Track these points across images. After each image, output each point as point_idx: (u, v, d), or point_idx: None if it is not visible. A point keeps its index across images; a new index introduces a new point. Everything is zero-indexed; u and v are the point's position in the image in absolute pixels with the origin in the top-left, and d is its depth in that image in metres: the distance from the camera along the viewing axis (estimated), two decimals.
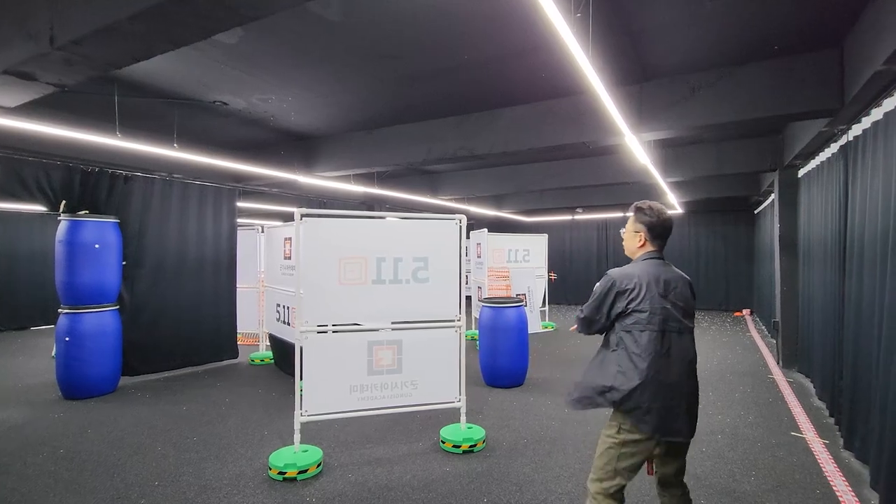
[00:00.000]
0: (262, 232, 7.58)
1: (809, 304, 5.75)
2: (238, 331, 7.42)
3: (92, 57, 2.69)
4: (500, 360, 5.83)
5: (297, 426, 3.70)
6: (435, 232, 4.07)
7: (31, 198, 5.39)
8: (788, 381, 5.96)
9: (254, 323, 7.81)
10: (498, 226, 14.49)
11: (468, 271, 11.85)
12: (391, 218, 4.11)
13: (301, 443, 3.76)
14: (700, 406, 5.00)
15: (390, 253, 3.93)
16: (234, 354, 7.26)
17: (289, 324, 6.13)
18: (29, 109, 4.15)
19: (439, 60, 4.49)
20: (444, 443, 3.96)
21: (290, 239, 6.23)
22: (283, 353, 6.47)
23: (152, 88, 4.96)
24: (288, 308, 6.22)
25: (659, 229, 2.28)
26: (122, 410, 4.98)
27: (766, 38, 4.15)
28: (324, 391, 3.75)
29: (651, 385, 2.02)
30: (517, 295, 9.42)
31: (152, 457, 3.84)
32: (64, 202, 5.58)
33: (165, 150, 5.76)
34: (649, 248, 2.29)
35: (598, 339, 2.40)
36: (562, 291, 14.74)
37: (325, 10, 3.34)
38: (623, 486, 2.09)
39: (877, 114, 3.54)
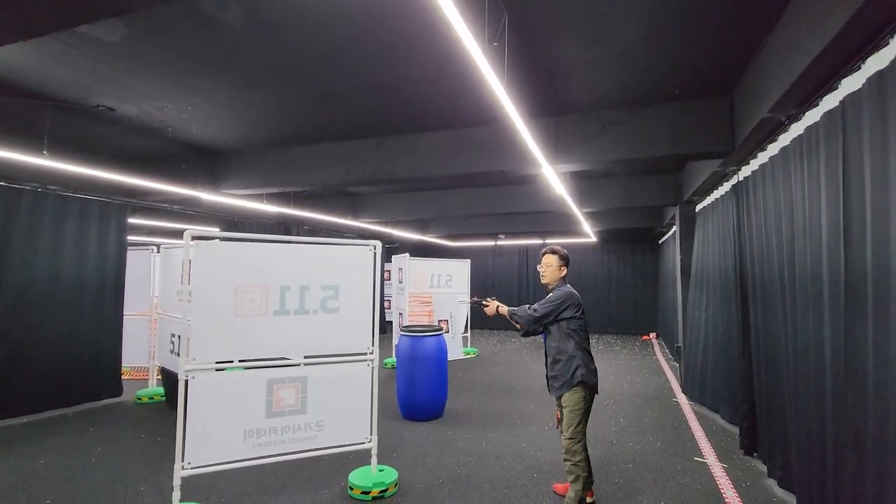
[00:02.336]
0: (158, 252, 6.82)
1: (708, 330, 6.13)
2: (124, 364, 6.54)
3: None
4: (419, 393, 5.58)
5: (176, 482, 3.19)
6: (347, 259, 3.80)
7: None
8: (691, 405, 6.27)
9: (143, 355, 6.94)
10: (423, 250, 14.37)
11: (389, 296, 11.54)
12: (298, 243, 3.78)
13: (182, 501, 3.24)
14: (612, 430, 5.12)
15: (296, 281, 3.60)
16: (117, 392, 6.38)
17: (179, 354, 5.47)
18: None
19: (353, 79, 4.30)
20: (352, 489, 3.62)
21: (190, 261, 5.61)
22: (176, 390, 5.73)
23: (16, 86, 4.26)
24: (184, 338, 5.56)
25: (568, 262, 3.56)
26: None
27: (667, 83, 4.43)
28: (212, 438, 3.29)
29: (592, 366, 3.38)
30: (439, 321, 9.27)
31: None
32: None
33: (32, 158, 4.98)
34: (563, 275, 3.52)
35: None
36: (484, 316, 14.81)
37: (222, 13, 3.03)
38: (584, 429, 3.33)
39: (762, 157, 3.85)
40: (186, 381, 3.28)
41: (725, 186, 5.21)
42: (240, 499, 3.59)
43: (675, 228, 8.68)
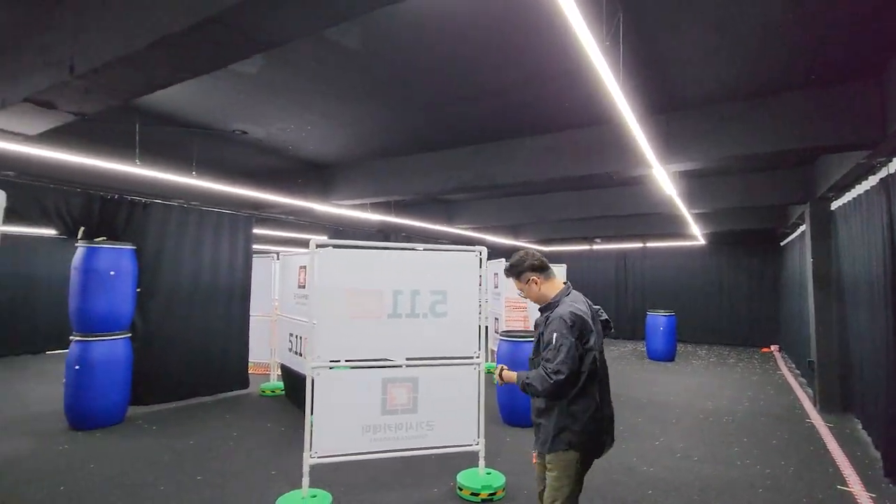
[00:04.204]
0: (278, 259, 7.52)
1: (853, 343, 5.40)
2: (249, 360, 7.27)
3: (111, 86, 2.66)
4: (520, 398, 5.53)
5: (305, 469, 3.49)
6: (455, 264, 3.91)
7: (50, 223, 5.40)
8: (829, 427, 5.56)
9: (266, 352, 7.67)
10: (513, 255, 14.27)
11: (485, 301, 11.61)
12: (410, 249, 3.97)
13: (309, 486, 3.53)
14: (734, 451, 4.70)
15: (408, 285, 3.78)
16: (245, 385, 7.09)
17: (301, 354, 5.97)
18: (51, 137, 4.17)
19: (459, 88, 4.43)
20: (461, 489, 3.71)
21: (304, 267, 6.13)
22: (295, 385, 6.28)
23: (173, 118, 4.99)
24: (300, 338, 6.07)
25: (538, 262, 2.42)
26: (127, 443, 4.82)
27: (800, 68, 4.00)
28: (335, 431, 3.55)
29: (602, 413, 2.33)
30: (535, 327, 9.13)
31: (153, 496, 3.65)
32: (82, 228, 5.58)
33: (184, 178, 5.77)
34: (551, 282, 2.40)
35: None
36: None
37: (343, 38, 3.30)
38: None
39: None
40: (313, 378, 3.56)
41: (871, 180, 4.58)
42: (357, 489, 3.82)
43: (803, 229, 7.78)
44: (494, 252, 14.11)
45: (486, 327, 9.77)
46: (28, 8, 2.87)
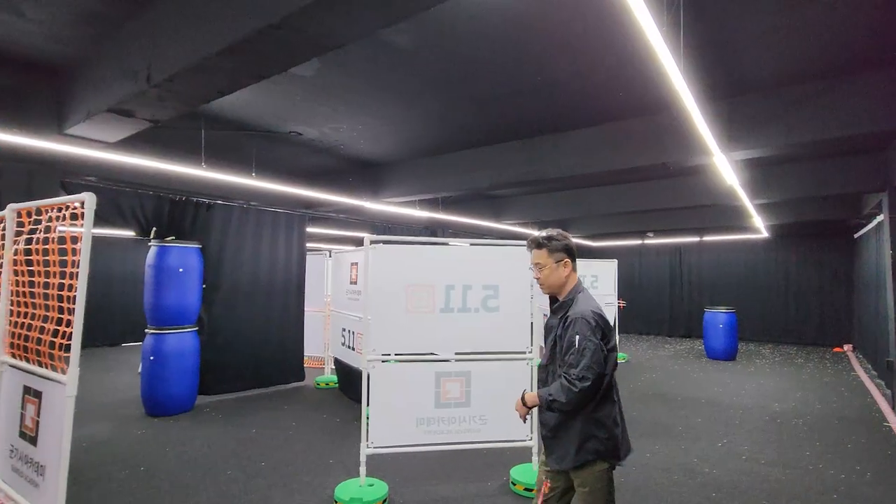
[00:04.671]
0: (330, 257, 7.75)
1: None
2: (305, 354, 7.55)
3: (183, 92, 2.83)
4: None
5: (362, 458, 3.60)
6: (506, 259, 3.90)
7: (126, 225, 5.81)
8: None
9: (319, 347, 7.93)
10: None
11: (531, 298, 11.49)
12: (460, 245, 3.99)
13: (366, 475, 3.64)
14: (805, 455, 4.43)
15: (459, 280, 3.80)
16: (301, 377, 7.37)
17: (353, 349, 6.13)
18: (127, 144, 4.49)
19: (509, 83, 4.40)
20: (514, 484, 3.70)
21: (356, 264, 6.28)
22: (348, 379, 6.46)
23: (234, 122, 5.26)
24: (353, 333, 6.23)
25: (575, 252, 2.16)
26: (197, 430, 5.13)
27: (873, 48, 3.70)
28: (390, 423, 3.64)
29: (620, 418, 2.16)
30: None
31: (223, 480, 3.88)
32: (154, 229, 5.98)
33: (244, 180, 6.06)
34: (574, 275, 2.15)
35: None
36: (631, 320, 13.94)
37: (395, 37, 3.36)
38: None
39: None
40: (369, 371, 3.65)
41: None
42: (412, 480, 3.90)
43: (880, 219, 7.19)
44: None
45: (531, 323, 9.66)
46: (109, 24, 3.10)
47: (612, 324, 2.13)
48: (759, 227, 10.12)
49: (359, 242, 11.92)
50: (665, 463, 4.28)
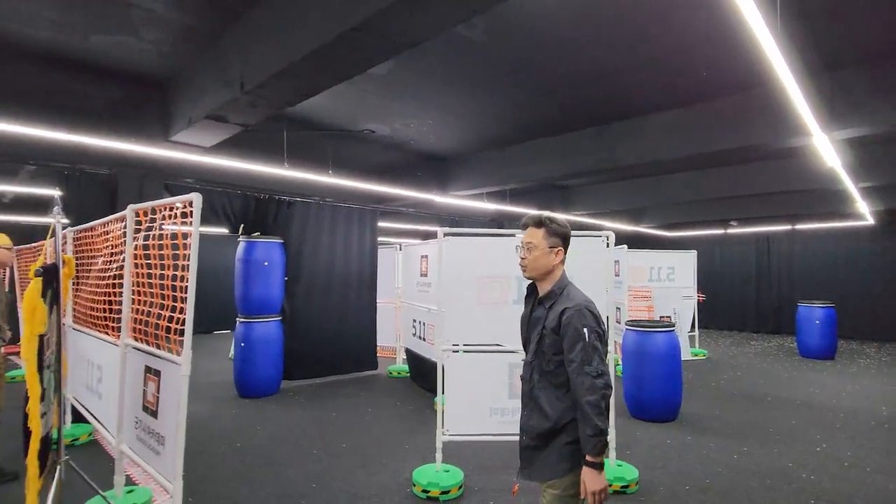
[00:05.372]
0: (400, 250, 7.98)
1: None
2: (377, 344, 7.84)
3: (271, 97, 3.04)
4: (648, 391, 5.28)
5: (438, 445, 3.70)
6: (580, 250, 3.82)
7: (218, 222, 6.33)
8: None
9: (391, 337, 8.20)
10: (635, 241, 13.47)
11: (605, 291, 11.15)
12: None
13: (441, 461, 3.74)
14: None
15: None
16: (374, 366, 7.66)
17: (424, 339, 6.29)
18: (219, 147, 4.87)
19: (582, 69, 4.29)
20: None
21: (426, 257, 6.42)
22: (420, 368, 6.64)
23: (313, 123, 5.54)
24: (424, 324, 6.39)
25: (568, 245, 1.99)
26: (283, 412, 5.52)
27: None
28: (465, 412, 3.71)
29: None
30: (660, 317, 8.57)
31: (308, 459, 4.15)
32: (242, 225, 6.46)
33: (322, 178, 6.38)
34: (562, 266, 1.97)
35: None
36: (711, 315, 13.09)
37: (468, 31, 3.38)
38: None
39: None
40: (443, 362, 3.74)
41: None
42: (486, 469, 3.96)
43: None
44: (614, 239, 13.46)
45: (607, 317, 9.37)
46: (207, 39, 3.40)
47: (691, 319, 1.95)
48: (864, 213, 9.14)
49: (426, 236, 12.15)
50: (756, 466, 4.02)
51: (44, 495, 2.39)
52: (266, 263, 6.22)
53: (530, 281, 2.04)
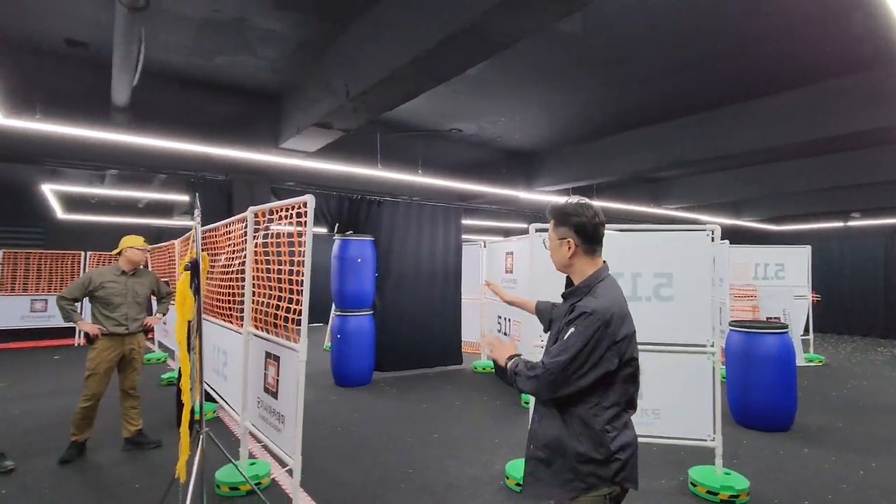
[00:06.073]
0: (485, 247, 8.05)
1: None
2: (462, 339, 7.97)
3: (374, 103, 3.24)
4: (757, 397, 4.89)
5: None
6: (681, 245, 3.65)
7: (316, 222, 6.79)
8: None
9: (475, 333, 8.30)
10: (735, 236, 12.44)
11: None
12: (628, 230, 3.84)
13: None
14: None
15: (627, 268, 3.67)
16: (459, 361, 7.81)
17: (509, 335, 6.31)
18: (319, 151, 5.23)
19: (680, 56, 4.07)
20: (694, 485, 3.47)
21: (511, 253, 6.44)
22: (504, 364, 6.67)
23: (404, 124, 5.77)
24: (509, 320, 6.41)
25: (591, 234, 1.67)
26: (377, 401, 5.82)
27: None
28: None
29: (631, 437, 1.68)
30: (767, 318, 7.88)
31: (404, 446, 4.35)
32: (337, 224, 6.89)
33: (412, 177, 6.62)
34: (592, 260, 1.70)
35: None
36: (828, 317, 11.75)
37: (566, 25, 3.35)
38: None
39: None
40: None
41: None
42: None
43: None
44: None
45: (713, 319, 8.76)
46: (314, 52, 3.68)
47: (805, 321, 1.66)
48: None
49: (508, 233, 12.11)
50: (886, 483, 3.59)
51: (190, 460, 2.75)
52: (359, 260, 6.58)
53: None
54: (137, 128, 4.31)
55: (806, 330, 8.32)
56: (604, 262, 1.74)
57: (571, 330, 1.56)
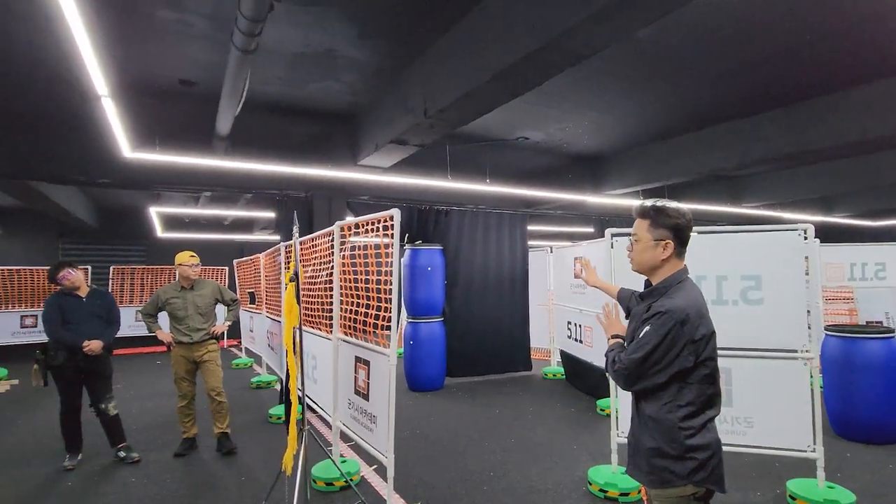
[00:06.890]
0: (552, 252, 8.01)
1: None
2: (531, 345, 7.96)
3: (450, 119, 3.39)
4: (860, 406, 4.53)
5: (613, 446, 3.68)
6: (770, 246, 3.50)
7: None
8: None
9: (544, 338, 8.25)
10: (825, 234, 11.50)
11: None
12: (709, 232, 3.73)
13: (617, 464, 3.71)
14: None
15: (712, 270, 3.57)
16: (528, 367, 7.80)
17: (580, 342, 6.23)
18: (392, 166, 5.48)
19: (760, 51, 3.90)
20: (793, 498, 3.29)
21: (579, 258, 6.38)
22: (576, 370, 6.60)
23: (473, 136, 5.92)
24: (580, 326, 6.33)
25: (685, 237, 1.71)
26: (451, 405, 5.95)
27: None
28: None
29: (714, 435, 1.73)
30: (866, 322, 7.23)
31: (482, 450, 4.43)
32: (407, 234, 7.14)
33: (480, 186, 6.76)
34: (677, 261, 1.73)
35: None
36: None
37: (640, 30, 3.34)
38: None
39: None
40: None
41: None
42: None
43: None
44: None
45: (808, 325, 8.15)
46: (391, 75, 3.91)
47: None
48: None
49: (573, 238, 11.92)
50: None
51: (296, 456, 3.00)
52: (429, 268, 6.79)
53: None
54: (234, 153, 4.78)
55: None
56: (683, 265, 1.78)
57: (647, 328, 1.62)
